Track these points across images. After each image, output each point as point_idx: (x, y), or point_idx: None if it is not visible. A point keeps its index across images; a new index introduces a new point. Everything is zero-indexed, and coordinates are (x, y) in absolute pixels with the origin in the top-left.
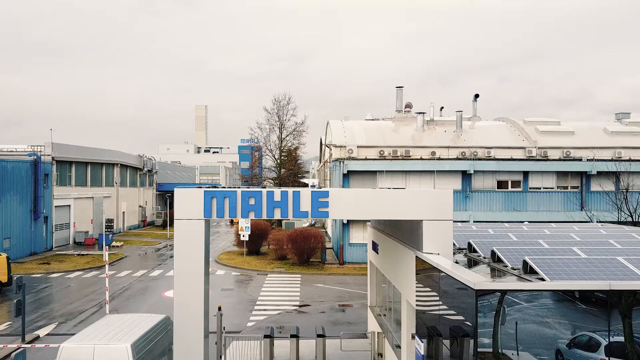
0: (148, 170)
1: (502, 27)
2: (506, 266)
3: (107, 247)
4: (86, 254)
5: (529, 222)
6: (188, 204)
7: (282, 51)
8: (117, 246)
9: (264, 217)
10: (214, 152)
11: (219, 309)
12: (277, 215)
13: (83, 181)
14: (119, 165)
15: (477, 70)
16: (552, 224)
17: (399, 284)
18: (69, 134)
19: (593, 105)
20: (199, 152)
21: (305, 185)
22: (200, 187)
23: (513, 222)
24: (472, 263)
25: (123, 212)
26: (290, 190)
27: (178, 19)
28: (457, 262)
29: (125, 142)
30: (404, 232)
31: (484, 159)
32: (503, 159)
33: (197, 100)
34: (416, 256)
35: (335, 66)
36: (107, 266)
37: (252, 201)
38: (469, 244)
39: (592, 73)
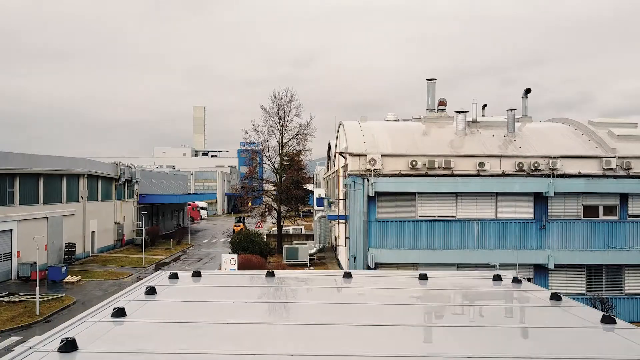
0: (126, 180)
1: (504, 32)
2: None
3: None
4: (18, 302)
5: (631, 265)
6: None
7: (287, 54)
8: (72, 282)
9: None
10: (212, 156)
11: None
12: None
13: (33, 198)
14: (86, 176)
15: (479, 73)
16: None
17: None
18: (68, 136)
19: (594, 109)
20: (196, 155)
21: (310, 192)
22: None
23: (610, 265)
24: None
25: (92, 232)
26: None
27: (184, 24)
28: None
29: (125, 145)
30: None
31: (568, 176)
32: (594, 176)
33: (201, 103)
34: None
35: (338, 70)
36: None
37: None
38: None
39: (593, 77)
